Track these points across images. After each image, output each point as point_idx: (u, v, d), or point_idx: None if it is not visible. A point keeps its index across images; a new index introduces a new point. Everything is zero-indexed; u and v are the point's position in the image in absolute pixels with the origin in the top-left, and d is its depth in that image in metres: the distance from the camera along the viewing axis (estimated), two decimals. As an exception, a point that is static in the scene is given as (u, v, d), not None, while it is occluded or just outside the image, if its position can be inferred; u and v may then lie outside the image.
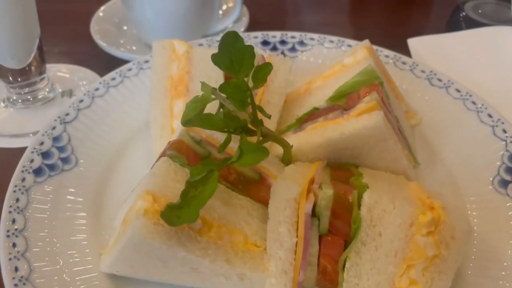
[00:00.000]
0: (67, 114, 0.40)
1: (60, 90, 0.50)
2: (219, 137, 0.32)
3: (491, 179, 0.36)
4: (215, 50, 0.37)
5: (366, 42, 0.40)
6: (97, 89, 0.43)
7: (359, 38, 0.60)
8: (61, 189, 0.35)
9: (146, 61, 0.46)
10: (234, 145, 0.30)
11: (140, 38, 0.55)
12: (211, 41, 0.49)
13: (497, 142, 0.38)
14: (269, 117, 0.30)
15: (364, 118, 0.32)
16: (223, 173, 0.31)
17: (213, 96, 0.31)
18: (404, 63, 0.46)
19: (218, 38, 0.49)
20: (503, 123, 0.39)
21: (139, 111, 0.43)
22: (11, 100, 0.47)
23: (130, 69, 0.45)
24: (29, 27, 0.43)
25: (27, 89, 0.46)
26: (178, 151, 0.30)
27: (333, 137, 0.33)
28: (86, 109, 0.41)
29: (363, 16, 0.67)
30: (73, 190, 0.35)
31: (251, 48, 0.28)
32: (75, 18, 0.64)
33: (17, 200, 0.32)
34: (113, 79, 0.44)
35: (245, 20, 0.57)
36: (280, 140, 0.32)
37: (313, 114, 0.37)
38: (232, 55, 0.27)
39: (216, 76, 0.37)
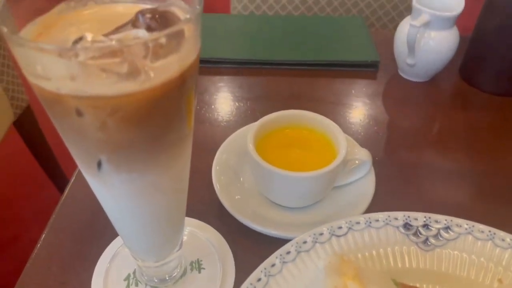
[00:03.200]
0: (222, 338, 0.38)
1: (188, 261, 0.48)
2: None
3: None
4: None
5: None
6: (245, 297, 0.41)
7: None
8: None
9: (288, 252, 0.44)
10: None
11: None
12: (350, 223, 0.47)
13: None
14: None
15: None
16: None
17: None
18: None
19: (358, 219, 0.47)
20: None
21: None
22: (144, 275, 0.46)
23: (273, 265, 0.43)
24: (178, 229, 0.41)
25: (163, 271, 0.45)
26: None
27: None
28: (238, 327, 0.39)
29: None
30: None
31: None
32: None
33: None
34: (259, 280, 0.42)
35: (373, 176, 0.54)
36: None
37: None
38: None
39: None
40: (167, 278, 0.45)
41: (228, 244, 0.50)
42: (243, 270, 0.48)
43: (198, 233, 0.51)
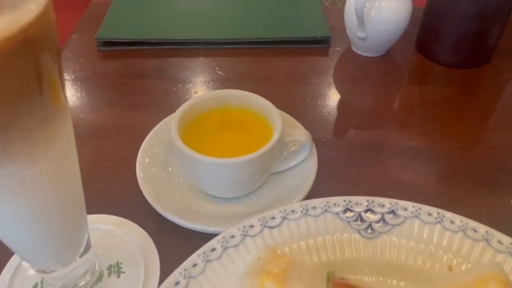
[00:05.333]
0: None
1: (105, 265, 0.42)
2: None
3: None
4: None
5: (498, 268, 0.33)
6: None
7: (438, 164, 0.52)
8: None
9: (213, 250, 0.39)
10: None
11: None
12: (285, 212, 0.42)
13: None
14: None
15: None
16: None
17: None
18: (525, 256, 0.38)
19: (293, 207, 0.42)
20: None
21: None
22: (51, 285, 0.40)
23: (195, 265, 0.38)
24: (78, 229, 0.36)
25: (68, 280, 0.39)
26: None
27: None
28: None
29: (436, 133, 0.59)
30: None
31: None
32: (118, 138, 0.57)
33: None
34: (177, 283, 0.36)
35: (315, 159, 0.49)
36: None
37: None
38: None
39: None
40: (79, 286, 0.39)
41: (154, 243, 0.45)
42: (169, 271, 0.42)
43: (119, 232, 0.45)
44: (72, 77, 0.67)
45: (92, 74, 0.67)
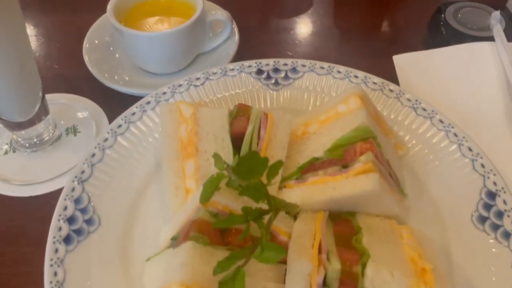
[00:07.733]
0: (82, 172, 0.42)
1: (63, 128, 0.51)
2: (234, 205, 0.36)
3: (471, 214, 0.41)
4: (219, 111, 0.40)
5: (359, 89, 0.43)
6: (105, 140, 0.45)
7: (341, 40, 0.62)
8: (90, 252, 0.39)
9: (148, 103, 0.48)
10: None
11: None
12: (207, 74, 0.51)
13: (476, 177, 0.42)
14: (288, 206, 0.35)
15: (361, 180, 0.36)
16: (234, 238, 0.35)
17: (225, 172, 0.35)
18: (391, 90, 0.49)
19: (214, 70, 0.51)
20: (482, 157, 0.43)
21: (148, 156, 0.46)
22: (19, 143, 0.49)
23: (133, 113, 0.47)
24: (31, 84, 0.44)
25: (33, 133, 0.48)
26: (199, 231, 0.33)
27: (334, 196, 0.37)
28: (99, 163, 0.43)
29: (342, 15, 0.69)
30: (100, 250, 0.39)
31: (266, 159, 0.31)
32: (67, 35, 0.64)
33: (56, 274, 0.36)
34: (119, 126, 0.46)
35: (236, 37, 0.58)
36: (289, 206, 0.36)
37: (313, 165, 0.41)
38: (250, 164, 0.30)
39: (222, 135, 0.40)
40: (37, 142, 0.49)
41: (103, 110, 0.54)
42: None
43: (73, 105, 0.54)
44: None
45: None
